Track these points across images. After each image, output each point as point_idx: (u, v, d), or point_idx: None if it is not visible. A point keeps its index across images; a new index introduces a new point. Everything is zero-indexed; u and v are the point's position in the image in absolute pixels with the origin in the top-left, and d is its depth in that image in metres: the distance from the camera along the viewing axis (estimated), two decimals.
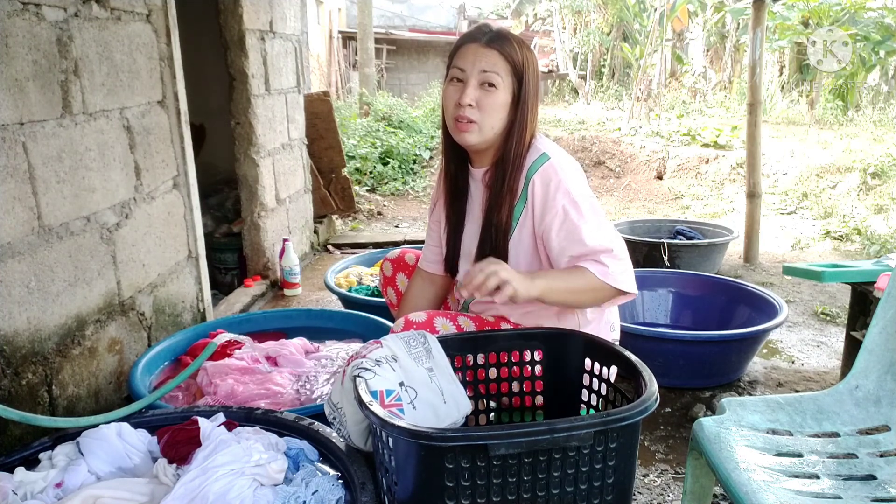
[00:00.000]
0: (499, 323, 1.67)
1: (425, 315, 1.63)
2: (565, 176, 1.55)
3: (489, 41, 1.56)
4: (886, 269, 2.17)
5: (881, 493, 1.22)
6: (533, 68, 1.58)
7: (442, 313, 1.65)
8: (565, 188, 1.53)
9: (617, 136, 8.00)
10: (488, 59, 1.54)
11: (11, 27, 1.61)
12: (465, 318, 1.65)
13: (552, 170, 1.55)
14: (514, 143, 1.58)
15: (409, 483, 1.22)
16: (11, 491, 1.30)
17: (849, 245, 4.63)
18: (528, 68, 1.57)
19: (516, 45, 1.57)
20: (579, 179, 1.58)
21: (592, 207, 1.55)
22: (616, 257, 1.52)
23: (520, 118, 1.57)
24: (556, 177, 1.54)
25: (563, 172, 1.55)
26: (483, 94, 1.54)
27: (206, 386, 1.93)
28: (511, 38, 1.59)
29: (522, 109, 1.57)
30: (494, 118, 1.56)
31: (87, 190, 1.91)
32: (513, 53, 1.55)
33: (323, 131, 4.48)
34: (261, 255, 3.50)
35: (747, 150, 4.10)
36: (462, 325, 1.63)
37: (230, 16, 3.16)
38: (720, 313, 2.80)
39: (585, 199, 1.55)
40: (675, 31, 12.31)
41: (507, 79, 1.55)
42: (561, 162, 1.57)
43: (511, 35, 1.61)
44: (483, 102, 1.54)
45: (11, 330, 1.61)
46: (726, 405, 1.43)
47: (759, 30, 3.90)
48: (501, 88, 1.55)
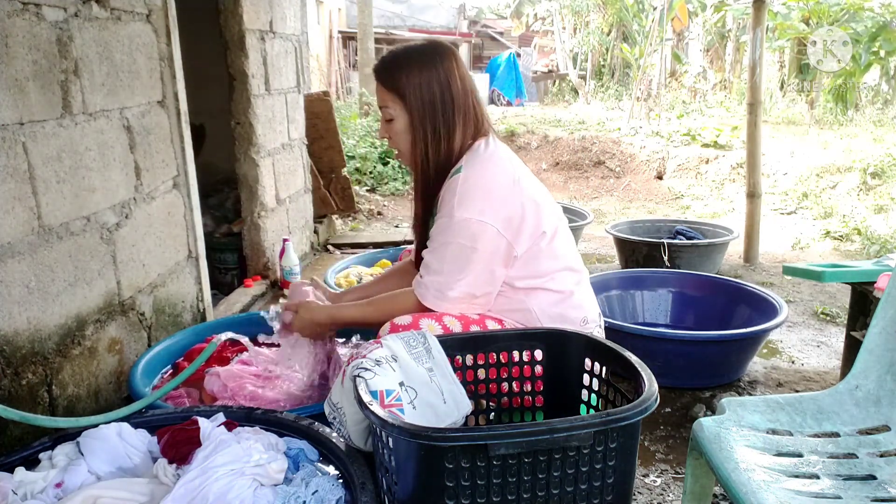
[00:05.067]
0: (483, 321, 1.67)
1: (410, 318, 1.64)
2: (459, 195, 1.60)
3: (376, 76, 1.72)
4: (886, 269, 2.17)
5: (881, 493, 1.22)
6: (416, 85, 1.66)
7: (427, 314, 1.65)
8: (449, 207, 1.61)
9: (617, 136, 8.00)
10: (379, 95, 1.71)
11: (11, 27, 1.61)
12: (451, 317, 1.65)
13: (454, 184, 1.63)
14: (421, 157, 1.69)
15: (409, 483, 1.22)
16: (11, 491, 1.30)
17: (849, 245, 4.63)
18: (408, 89, 1.66)
19: (396, 68, 1.68)
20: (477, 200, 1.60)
21: (458, 231, 1.60)
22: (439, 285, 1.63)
23: (421, 135, 1.67)
24: (451, 193, 1.62)
25: (460, 190, 1.60)
26: (387, 128, 1.72)
27: (220, 391, 1.92)
28: (391, 63, 1.70)
29: (418, 126, 1.67)
30: (403, 143, 1.72)
31: (87, 190, 1.91)
32: (392, 80, 1.67)
33: (323, 131, 4.47)
34: (261, 255, 3.50)
35: (747, 150, 4.10)
36: (448, 326, 1.63)
37: (230, 16, 3.16)
38: (720, 313, 2.80)
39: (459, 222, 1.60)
40: (675, 31, 12.32)
41: (396, 106, 1.68)
42: (467, 178, 1.61)
43: (393, 59, 1.71)
44: (390, 134, 1.72)
45: (11, 330, 1.61)
46: (726, 405, 1.43)
47: (759, 30, 3.90)
48: (397, 116, 1.68)
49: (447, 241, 1.61)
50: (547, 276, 1.68)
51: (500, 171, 1.64)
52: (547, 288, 1.68)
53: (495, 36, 19.87)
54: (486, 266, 1.62)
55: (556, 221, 1.73)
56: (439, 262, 1.63)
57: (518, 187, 1.64)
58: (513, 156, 1.74)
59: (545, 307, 1.68)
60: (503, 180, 1.63)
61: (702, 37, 13.27)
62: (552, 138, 8.16)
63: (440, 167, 1.68)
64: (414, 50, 1.72)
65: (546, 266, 1.68)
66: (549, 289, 1.69)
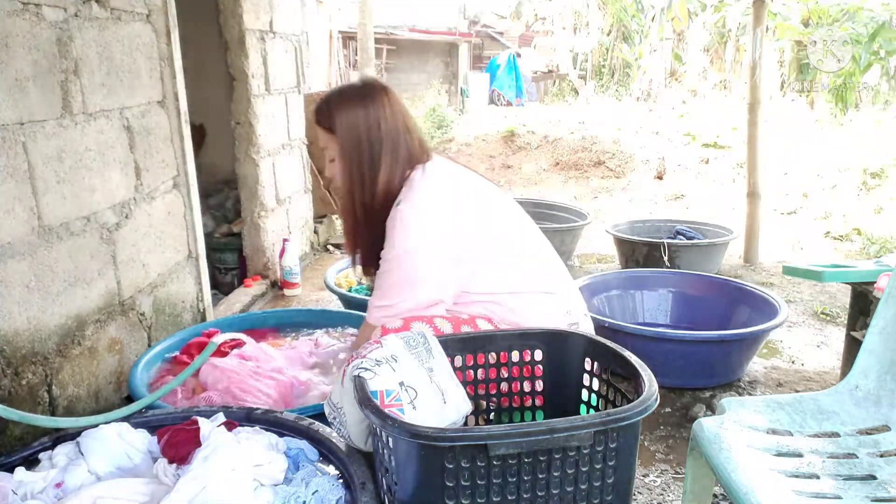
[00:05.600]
0: (473, 320, 1.67)
1: (401, 321, 1.65)
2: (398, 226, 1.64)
3: (314, 119, 1.76)
4: (886, 269, 2.17)
5: (881, 493, 1.22)
6: (346, 125, 1.70)
7: (417, 317, 1.66)
8: (391, 239, 1.65)
9: (617, 136, 8.00)
10: (320, 137, 1.76)
11: (11, 27, 1.61)
12: (441, 318, 1.66)
13: (395, 214, 1.66)
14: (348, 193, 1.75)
15: (409, 483, 1.22)
16: (11, 491, 1.30)
17: (849, 245, 4.63)
18: (338, 128, 1.70)
19: (329, 109, 1.72)
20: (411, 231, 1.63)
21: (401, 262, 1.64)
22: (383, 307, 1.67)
23: (348, 172, 1.72)
24: (391, 224, 1.65)
25: (398, 222, 1.64)
26: (330, 167, 1.77)
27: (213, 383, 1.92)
28: (325, 104, 1.74)
29: (349, 163, 1.72)
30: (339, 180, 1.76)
31: (87, 190, 1.91)
32: (326, 120, 1.72)
33: None
34: (261, 255, 3.50)
35: (747, 150, 4.09)
36: (439, 327, 1.64)
37: (230, 16, 3.16)
38: (720, 313, 2.80)
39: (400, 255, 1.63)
40: (676, 31, 12.32)
41: (333, 145, 1.73)
42: (403, 209, 1.65)
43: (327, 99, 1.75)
44: (333, 173, 1.77)
45: (11, 330, 1.61)
46: (726, 405, 1.43)
47: (759, 30, 3.90)
48: (337, 156, 1.73)
49: (391, 269, 1.67)
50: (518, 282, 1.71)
51: (434, 196, 1.67)
52: (520, 291, 1.71)
53: (495, 36, 19.85)
54: (433, 282, 1.66)
55: (509, 227, 1.76)
56: (386, 288, 1.68)
57: (458, 206, 1.68)
58: (454, 172, 1.77)
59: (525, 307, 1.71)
60: (440, 203, 1.67)
61: (702, 37, 13.27)
62: (552, 138, 8.15)
63: (365, 202, 1.73)
64: (345, 90, 1.77)
65: (513, 277, 1.71)
66: (524, 291, 1.71)
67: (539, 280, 1.74)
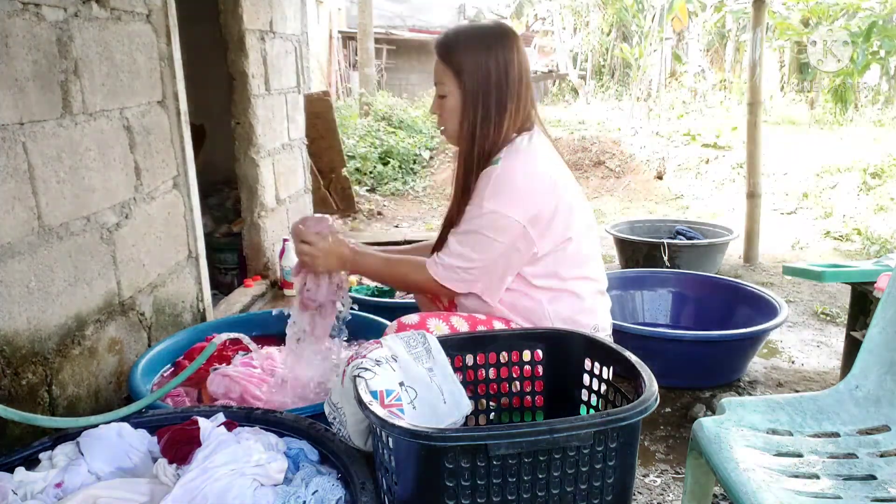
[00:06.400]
0: (490, 321, 1.67)
1: (418, 317, 1.64)
2: (492, 186, 1.59)
3: (436, 51, 1.69)
4: (886, 269, 2.17)
5: (881, 493, 1.22)
6: (473, 67, 1.63)
7: (435, 314, 1.66)
8: (480, 196, 1.60)
9: (617, 136, 8.00)
10: (437, 71, 1.69)
11: (11, 27, 1.61)
12: (458, 317, 1.65)
13: (490, 173, 1.61)
14: (467, 138, 1.67)
15: (409, 483, 1.22)
16: (11, 491, 1.30)
17: (849, 245, 4.63)
18: (465, 67, 1.63)
19: (457, 45, 1.65)
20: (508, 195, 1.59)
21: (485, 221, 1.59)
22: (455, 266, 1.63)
23: (471, 116, 1.65)
24: (485, 182, 1.60)
25: (493, 181, 1.59)
26: (440, 103, 1.70)
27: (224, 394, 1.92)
28: (453, 39, 1.67)
29: (470, 108, 1.65)
30: (452, 122, 1.70)
31: (87, 190, 1.91)
32: (451, 57, 1.65)
33: (323, 131, 4.48)
34: (261, 255, 3.49)
35: (747, 150, 4.09)
36: (455, 325, 1.63)
37: (230, 16, 3.16)
38: (720, 313, 2.80)
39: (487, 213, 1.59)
40: (675, 31, 12.32)
41: (451, 85, 1.66)
42: (504, 170, 1.60)
43: (455, 35, 1.68)
44: (441, 110, 1.70)
45: (11, 330, 1.61)
46: (726, 405, 1.43)
47: (759, 30, 3.90)
48: (451, 95, 1.67)
49: (472, 228, 1.62)
50: (567, 280, 1.68)
51: (538, 168, 1.63)
52: (565, 290, 1.68)
53: None
54: (503, 262, 1.62)
55: (586, 227, 1.72)
56: (459, 246, 1.63)
57: (553, 187, 1.63)
58: (555, 155, 1.72)
59: (559, 310, 1.68)
60: (539, 178, 1.62)
61: (702, 37, 13.26)
62: (552, 138, 8.15)
63: (484, 151, 1.66)
64: (478, 29, 1.70)
65: (567, 271, 1.67)
66: (567, 290, 1.68)
67: (586, 293, 1.72)
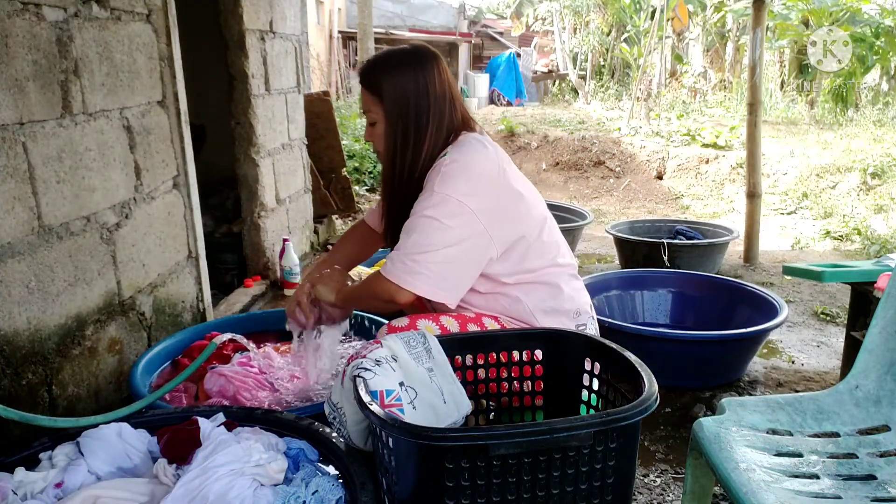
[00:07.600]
0: (480, 319, 1.67)
1: (407, 319, 1.64)
2: (443, 174, 1.58)
3: (360, 79, 1.71)
4: (886, 269, 2.17)
5: (881, 493, 1.22)
6: (392, 91, 1.65)
7: (424, 315, 1.65)
8: (431, 184, 1.58)
9: (617, 136, 8.01)
10: (363, 100, 1.71)
11: (11, 27, 1.61)
12: (448, 317, 1.65)
13: (439, 165, 1.61)
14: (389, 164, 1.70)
15: (409, 483, 1.22)
16: (11, 491, 1.30)
17: (849, 245, 4.64)
18: (385, 91, 1.65)
19: (376, 71, 1.68)
20: (457, 181, 1.57)
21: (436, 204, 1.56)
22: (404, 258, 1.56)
23: (392, 138, 1.67)
24: (435, 173, 1.60)
25: (444, 170, 1.58)
26: (370, 131, 1.72)
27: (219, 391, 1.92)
28: (372, 66, 1.70)
29: (391, 132, 1.67)
30: (380, 145, 1.72)
31: (87, 190, 1.91)
32: (373, 84, 1.67)
33: (323, 131, 4.47)
34: (261, 255, 3.49)
35: (747, 150, 4.10)
36: (445, 326, 1.63)
37: (230, 16, 3.16)
38: (720, 313, 2.80)
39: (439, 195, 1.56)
40: (675, 31, 12.32)
41: (377, 111, 1.68)
42: (454, 160, 1.59)
43: (374, 62, 1.71)
44: (372, 137, 1.72)
45: (11, 330, 1.61)
46: (726, 405, 1.43)
47: (759, 30, 3.90)
48: (378, 121, 1.69)
49: (422, 214, 1.58)
50: (537, 271, 1.68)
51: (486, 158, 1.63)
52: (537, 281, 1.69)
53: (495, 36, 19.87)
54: (458, 252, 1.57)
55: (541, 217, 1.73)
56: (407, 236, 1.59)
57: (503, 177, 1.64)
58: (500, 150, 1.73)
59: (537, 302, 1.68)
60: (488, 167, 1.62)
61: (702, 37, 13.27)
62: (552, 138, 8.16)
63: (404, 172, 1.68)
64: (395, 53, 1.72)
65: (535, 262, 1.68)
66: (539, 282, 1.69)
67: (559, 280, 1.72)
